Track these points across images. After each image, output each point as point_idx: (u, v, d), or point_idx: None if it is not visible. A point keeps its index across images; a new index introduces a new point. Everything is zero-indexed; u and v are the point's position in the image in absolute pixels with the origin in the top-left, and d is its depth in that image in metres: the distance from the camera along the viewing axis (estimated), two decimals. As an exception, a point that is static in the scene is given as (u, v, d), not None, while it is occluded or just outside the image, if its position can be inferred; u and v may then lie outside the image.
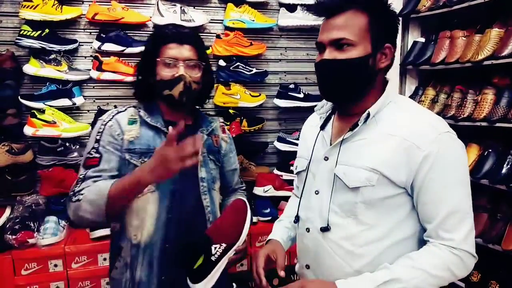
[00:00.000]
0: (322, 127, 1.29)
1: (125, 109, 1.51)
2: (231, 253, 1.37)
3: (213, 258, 1.34)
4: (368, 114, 1.15)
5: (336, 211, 1.18)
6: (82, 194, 1.33)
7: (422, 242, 1.16)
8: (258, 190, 2.69)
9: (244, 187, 1.82)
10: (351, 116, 1.19)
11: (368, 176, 1.12)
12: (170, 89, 1.44)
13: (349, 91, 1.17)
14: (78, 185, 1.36)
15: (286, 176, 2.74)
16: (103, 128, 1.44)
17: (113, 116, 1.47)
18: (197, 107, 1.64)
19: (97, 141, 1.43)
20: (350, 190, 1.15)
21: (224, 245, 1.35)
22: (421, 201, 1.11)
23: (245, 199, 1.46)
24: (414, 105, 1.22)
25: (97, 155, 1.41)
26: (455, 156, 1.11)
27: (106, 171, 1.40)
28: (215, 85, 2.64)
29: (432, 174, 1.08)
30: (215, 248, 1.34)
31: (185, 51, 1.45)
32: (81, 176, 1.38)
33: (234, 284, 2.43)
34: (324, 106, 1.33)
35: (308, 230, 1.26)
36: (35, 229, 2.22)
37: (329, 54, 1.13)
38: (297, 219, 1.32)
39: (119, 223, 1.47)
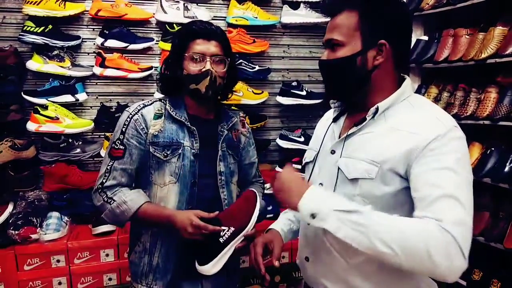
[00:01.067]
0: (335, 120, 1.29)
1: (152, 103, 1.57)
2: (239, 238, 1.41)
3: (221, 240, 1.38)
4: (377, 109, 1.15)
5: None
6: (110, 203, 1.47)
7: None
8: (260, 187, 2.69)
9: (261, 180, 1.87)
10: (362, 111, 1.19)
11: (368, 168, 1.11)
12: (196, 83, 1.50)
13: (342, 89, 1.21)
14: (107, 177, 1.49)
15: (288, 173, 2.74)
16: (129, 121, 1.51)
17: (139, 110, 1.53)
18: (221, 101, 1.69)
19: (123, 133, 1.51)
20: (349, 182, 1.14)
21: (232, 229, 1.40)
22: (414, 186, 1.05)
23: (256, 189, 1.55)
24: (428, 103, 1.20)
25: (121, 147, 1.50)
26: (457, 147, 1.06)
27: (129, 164, 1.51)
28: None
29: (429, 158, 1.04)
30: (224, 231, 1.39)
31: (212, 47, 1.50)
32: (108, 167, 1.50)
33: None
34: None
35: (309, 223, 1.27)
36: (38, 224, 2.23)
37: (325, 54, 1.19)
38: None
39: None
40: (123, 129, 1.51)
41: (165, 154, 1.51)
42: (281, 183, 1.14)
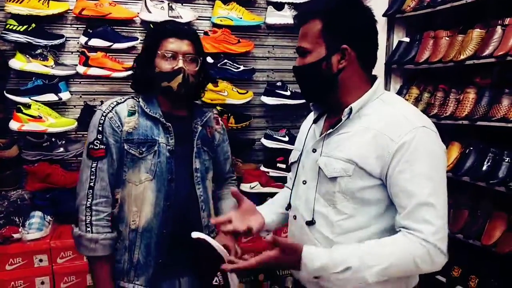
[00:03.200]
0: (315, 121, 1.35)
1: (124, 100, 1.56)
2: (229, 272, 1.35)
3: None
4: (351, 109, 1.20)
5: (319, 200, 1.24)
6: (87, 227, 1.46)
7: None
8: (244, 187, 2.71)
9: (234, 177, 1.89)
10: (338, 112, 1.24)
11: (345, 167, 1.17)
12: (169, 81, 1.51)
13: (313, 92, 1.30)
14: (94, 180, 1.47)
15: (272, 173, 2.76)
16: (103, 119, 1.50)
17: (112, 107, 1.52)
18: (193, 100, 1.70)
19: (100, 132, 1.49)
20: (329, 180, 1.20)
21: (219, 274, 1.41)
22: (393, 192, 1.14)
23: (197, 235, 1.41)
24: (400, 101, 1.27)
25: (102, 146, 1.48)
26: (428, 150, 1.13)
27: (111, 163, 1.49)
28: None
29: (402, 165, 1.11)
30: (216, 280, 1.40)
31: (185, 45, 1.52)
32: (92, 170, 1.47)
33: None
34: None
35: (295, 217, 1.33)
36: (20, 224, 2.22)
37: (297, 61, 1.28)
38: (289, 206, 1.37)
39: (118, 208, 1.54)
40: (100, 128, 1.49)
41: (140, 151, 1.50)
42: (275, 263, 1.15)
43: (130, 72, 2.46)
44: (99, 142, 1.49)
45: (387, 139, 1.13)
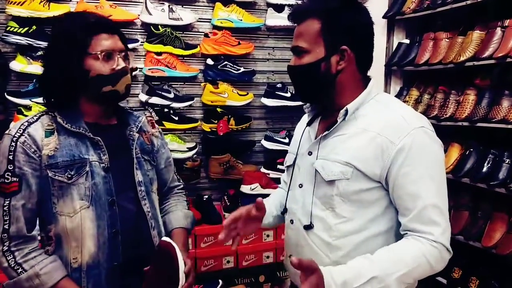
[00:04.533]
0: (309, 123, 1.34)
1: (37, 118, 1.30)
2: None
3: None
4: (346, 111, 1.19)
5: (317, 203, 1.23)
6: (18, 271, 1.22)
7: (398, 237, 1.19)
8: (245, 188, 2.71)
9: (181, 186, 1.65)
10: (333, 114, 1.23)
11: (343, 170, 1.16)
12: (113, 85, 1.30)
13: (309, 93, 1.27)
14: (8, 222, 1.22)
15: (273, 174, 2.77)
16: (14, 146, 1.23)
17: (24, 129, 1.26)
18: (151, 102, 1.54)
19: (11, 161, 1.23)
20: (327, 183, 1.19)
21: None
22: (396, 195, 1.15)
23: (168, 239, 1.30)
24: (394, 102, 1.26)
25: (14, 178, 1.23)
26: (428, 151, 1.14)
27: (28, 197, 1.25)
28: (203, 83, 2.67)
29: (405, 168, 1.12)
30: None
31: (118, 41, 1.32)
32: (5, 209, 1.22)
33: (220, 281, 2.45)
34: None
35: (292, 221, 1.31)
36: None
37: (292, 60, 1.24)
38: (285, 210, 1.36)
39: (53, 246, 1.29)
40: (10, 157, 1.22)
41: (69, 176, 1.25)
42: None
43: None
44: (10, 174, 1.22)
45: (386, 141, 1.13)
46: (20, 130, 1.25)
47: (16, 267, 1.22)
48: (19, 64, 2.31)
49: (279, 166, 2.77)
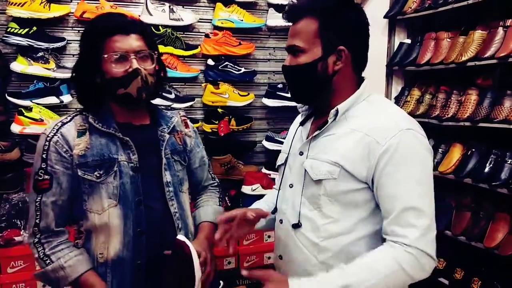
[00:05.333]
0: (302, 123, 1.33)
1: (71, 119, 1.34)
2: None
3: None
4: (337, 111, 1.18)
5: (305, 203, 1.22)
6: (46, 262, 1.28)
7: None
8: (246, 189, 2.71)
9: (216, 183, 1.67)
10: (325, 114, 1.22)
11: (330, 170, 1.15)
12: (125, 87, 1.29)
13: (305, 93, 1.25)
14: (39, 217, 1.29)
15: (274, 175, 2.76)
16: (48, 145, 1.29)
17: (57, 129, 1.31)
18: (153, 102, 1.50)
19: (44, 160, 1.29)
20: (314, 183, 1.18)
21: None
22: (379, 195, 1.13)
23: (183, 238, 1.30)
24: (386, 103, 1.26)
25: (46, 176, 1.28)
26: (414, 153, 1.12)
27: (59, 195, 1.30)
28: (204, 84, 2.67)
29: (388, 168, 1.10)
30: None
31: (134, 41, 1.29)
32: (37, 204, 1.29)
33: (221, 282, 2.45)
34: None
35: (281, 221, 1.30)
36: (22, 227, 2.22)
37: (287, 60, 1.21)
38: (274, 210, 1.35)
39: (83, 240, 1.36)
40: (44, 156, 1.28)
41: (98, 175, 1.30)
42: None
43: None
44: (43, 172, 1.28)
45: (373, 141, 1.12)
46: (53, 130, 1.31)
47: (45, 258, 1.29)
48: (20, 65, 2.31)
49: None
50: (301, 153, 1.26)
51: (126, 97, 1.31)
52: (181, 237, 1.31)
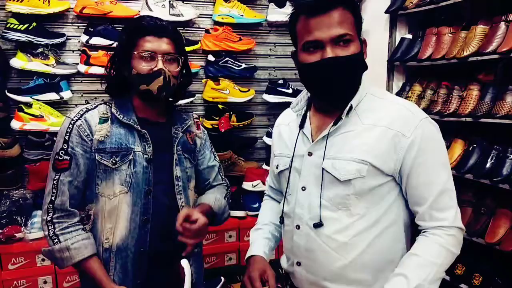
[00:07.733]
0: (301, 125, 1.28)
1: (96, 106, 1.44)
2: None
3: None
4: (351, 107, 1.17)
5: (326, 205, 1.19)
6: (54, 240, 1.34)
7: (406, 227, 1.22)
8: (246, 185, 2.71)
9: (225, 184, 1.71)
10: (327, 112, 1.21)
11: (359, 168, 1.14)
12: (147, 84, 1.38)
13: (351, 86, 1.18)
14: (55, 194, 1.36)
15: (275, 171, 2.76)
16: (71, 128, 1.38)
17: (82, 114, 1.40)
18: (173, 103, 1.58)
19: (66, 141, 1.37)
20: (341, 183, 1.16)
21: None
22: (411, 185, 1.15)
23: (184, 264, 1.33)
24: (387, 94, 1.28)
25: (66, 157, 1.37)
26: (436, 139, 1.18)
27: (76, 176, 1.38)
28: (204, 80, 2.66)
29: (420, 158, 1.13)
30: None
31: (164, 44, 1.39)
32: (54, 182, 1.36)
33: (222, 278, 2.45)
34: (299, 103, 1.32)
35: (298, 227, 1.25)
36: (23, 223, 2.22)
37: (331, 51, 1.09)
38: (282, 219, 1.32)
39: (90, 224, 1.42)
40: (66, 138, 1.37)
41: (114, 161, 1.38)
42: None
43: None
44: (63, 153, 1.37)
45: (398, 134, 1.13)
46: (78, 115, 1.40)
47: (54, 237, 1.35)
48: (20, 61, 2.31)
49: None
50: (310, 154, 1.23)
51: (147, 93, 1.40)
52: (183, 262, 1.34)
